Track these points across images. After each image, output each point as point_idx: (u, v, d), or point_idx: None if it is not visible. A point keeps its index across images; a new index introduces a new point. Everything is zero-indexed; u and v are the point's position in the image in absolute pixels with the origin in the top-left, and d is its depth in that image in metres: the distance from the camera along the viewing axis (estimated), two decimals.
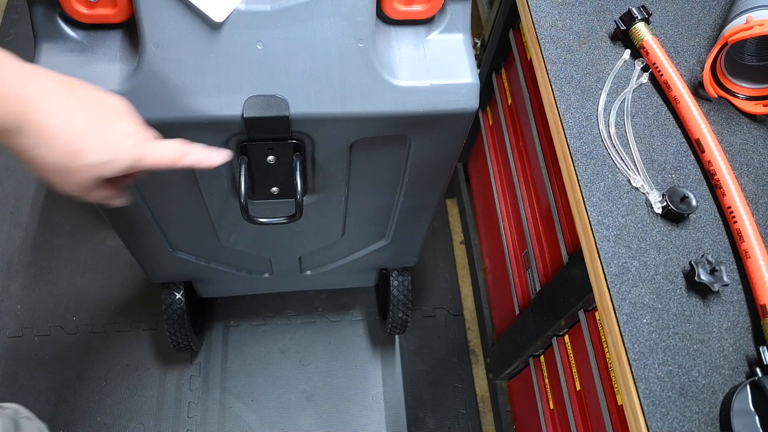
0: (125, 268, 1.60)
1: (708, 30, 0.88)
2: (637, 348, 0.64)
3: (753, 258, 0.67)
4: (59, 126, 0.50)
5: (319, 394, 1.48)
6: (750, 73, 0.81)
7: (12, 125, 0.47)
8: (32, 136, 0.49)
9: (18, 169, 1.73)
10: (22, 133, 0.48)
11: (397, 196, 0.96)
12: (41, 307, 1.54)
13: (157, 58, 0.67)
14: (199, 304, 1.51)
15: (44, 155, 0.50)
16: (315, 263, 1.21)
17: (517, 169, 1.20)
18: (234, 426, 1.43)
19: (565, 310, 0.94)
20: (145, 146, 0.56)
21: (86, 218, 1.66)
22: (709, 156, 0.74)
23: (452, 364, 1.54)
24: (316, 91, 0.70)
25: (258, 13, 0.67)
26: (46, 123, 0.49)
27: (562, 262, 1.00)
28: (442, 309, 1.61)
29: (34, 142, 0.49)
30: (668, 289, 0.68)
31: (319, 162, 0.83)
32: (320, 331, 1.56)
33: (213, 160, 0.63)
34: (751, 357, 0.65)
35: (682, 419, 0.61)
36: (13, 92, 0.47)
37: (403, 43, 0.74)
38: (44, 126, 0.49)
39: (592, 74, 0.82)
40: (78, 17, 0.67)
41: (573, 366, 0.99)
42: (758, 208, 0.75)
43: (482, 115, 1.42)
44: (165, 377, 1.48)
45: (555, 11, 0.87)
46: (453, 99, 0.74)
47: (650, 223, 0.72)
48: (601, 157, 0.75)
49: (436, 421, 1.47)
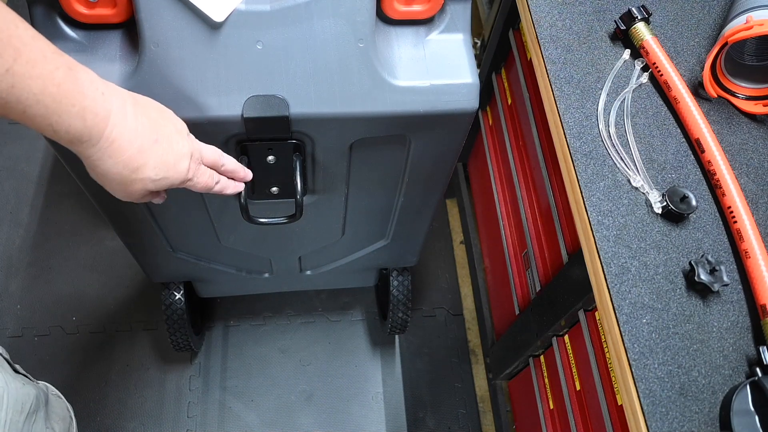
0: (125, 268, 1.60)
1: (708, 30, 0.88)
2: (637, 348, 0.64)
3: (753, 258, 0.67)
4: (127, 142, 0.55)
5: (319, 394, 1.48)
6: (750, 73, 0.81)
7: (87, 136, 0.52)
8: (102, 148, 0.54)
9: (18, 169, 1.74)
10: (93, 144, 0.53)
11: (397, 196, 0.96)
12: (41, 307, 1.54)
13: (157, 58, 0.67)
14: (199, 304, 1.51)
15: (109, 166, 0.55)
16: (315, 263, 1.21)
17: (517, 169, 1.20)
18: (234, 426, 1.43)
19: (565, 310, 0.94)
20: (194, 169, 0.63)
21: (86, 218, 1.67)
22: (709, 156, 0.74)
23: (452, 364, 1.54)
24: (316, 91, 0.70)
25: (258, 13, 0.67)
26: (115, 138, 0.54)
27: (562, 262, 1.00)
28: (442, 309, 1.61)
29: (102, 153, 0.54)
30: (668, 289, 0.68)
31: (319, 162, 0.83)
32: (320, 331, 1.56)
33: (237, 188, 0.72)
34: (751, 357, 0.65)
35: (682, 419, 0.61)
36: (94, 108, 0.51)
37: (403, 43, 0.74)
38: (114, 140, 0.54)
39: (592, 74, 0.82)
40: (78, 17, 0.67)
41: (573, 366, 0.99)
42: (758, 208, 0.75)
43: (482, 115, 1.42)
44: (165, 377, 1.48)
45: (555, 11, 0.87)
46: (453, 99, 0.73)
47: (650, 223, 0.72)
48: (601, 157, 0.75)
49: (436, 421, 1.47)
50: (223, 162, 0.69)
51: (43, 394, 0.93)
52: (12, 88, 0.45)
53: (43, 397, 0.92)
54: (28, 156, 1.76)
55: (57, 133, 0.50)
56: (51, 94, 0.47)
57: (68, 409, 1.07)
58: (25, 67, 0.45)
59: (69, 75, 0.49)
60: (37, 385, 0.92)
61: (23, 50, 0.45)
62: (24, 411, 0.83)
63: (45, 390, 0.97)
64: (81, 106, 0.50)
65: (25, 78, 0.45)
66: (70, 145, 0.53)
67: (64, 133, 0.50)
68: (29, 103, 0.47)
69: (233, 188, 0.72)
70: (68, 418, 1.05)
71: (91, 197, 0.86)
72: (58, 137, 0.51)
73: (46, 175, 1.73)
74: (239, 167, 0.72)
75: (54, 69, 0.48)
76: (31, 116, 0.48)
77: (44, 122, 0.49)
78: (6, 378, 0.80)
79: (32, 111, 0.47)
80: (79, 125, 0.51)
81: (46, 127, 0.49)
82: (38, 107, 0.47)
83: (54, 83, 0.47)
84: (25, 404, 0.83)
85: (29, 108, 0.47)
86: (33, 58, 0.46)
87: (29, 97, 0.46)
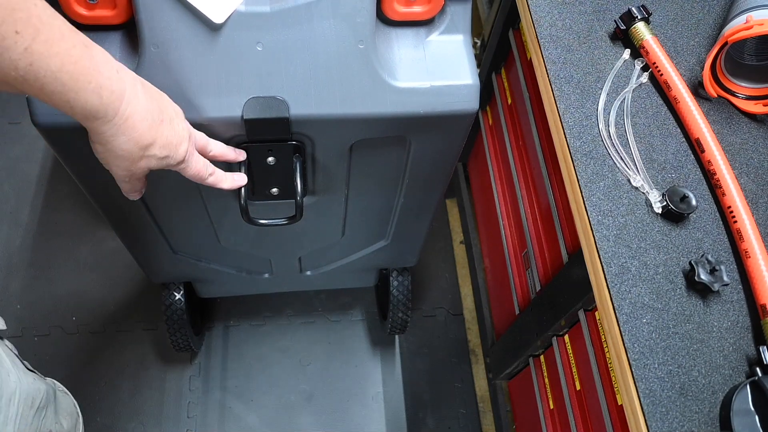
0: (125, 268, 1.60)
1: (708, 30, 0.88)
2: (637, 348, 0.64)
3: (753, 258, 0.67)
4: (139, 119, 0.56)
5: (319, 394, 1.48)
6: (750, 73, 0.81)
7: (102, 113, 0.53)
8: (117, 124, 0.55)
9: (18, 169, 1.74)
10: (109, 120, 0.54)
11: (397, 197, 0.96)
12: (41, 307, 1.54)
13: (156, 59, 0.67)
14: (199, 304, 1.51)
15: (121, 142, 0.57)
16: (315, 263, 1.21)
17: (517, 169, 1.20)
18: (234, 426, 1.44)
19: (565, 310, 0.94)
20: (191, 152, 0.64)
21: (86, 218, 1.67)
22: (709, 156, 0.74)
23: (452, 364, 1.54)
24: (316, 93, 0.70)
25: (258, 15, 0.67)
26: (129, 115, 0.55)
27: (562, 262, 1.00)
28: (442, 309, 1.61)
29: (117, 130, 0.55)
30: (668, 289, 0.68)
31: (319, 163, 0.83)
32: (320, 331, 1.56)
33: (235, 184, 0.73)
34: (751, 357, 0.66)
35: (682, 419, 0.61)
36: (110, 85, 0.53)
37: (403, 44, 0.74)
38: (129, 117, 0.55)
39: (592, 74, 0.82)
40: (77, 18, 0.67)
41: (573, 366, 0.99)
42: (758, 207, 0.75)
43: (482, 115, 1.42)
44: (165, 377, 1.48)
45: (555, 11, 0.87)
46: (453, 100, 0.73)
47: (650, 222, 0.72)
48: (600, 157, 0.75)
49: (436, 421, 1.47)
50: (210, 148, 0.70)
51: (51, 390, 0.94)
52: (30, 66, 0.46)
53: (51, 393, 0.93)
54: (28, 156, 1.76)
55: (73, 109, 0.51)
56: (68, 71, 0.49)
57: (75, 405, 1.08)
58: (43, 46, 0.46)
59: (85, 52, 0.50)
60: (46, 382, 0.93)
61: (42, 29, 0.46)
62: (34, 406, 0.84)
63: (53, 386, 0.98)
64: (97, 83, 0.51)
65: (44, 56, 0.46)
66: (85, 120, 0.54)
67: (81, 109, 0.51)
68: (47, 81, 0.48)
69: (230, 182, 0.73)
70: (75, 414, 1.07)
71: (91, 197, 0.86)
72: (74, 113, 0.52)
73: (46, 175, 1.73)
74: (228, 150, 0.72)
75: (71, 47, 0.49)
76: (49, 93, 0.49)
77: (62, 98, 0.50)
78: (18, 374, 0.81)
79: (50, 88, 0.48)
80: (96, 101, 0.52)
81: (63, 103, 0.50)
82: (56, 84, 0.48)
83: (71, 61, 0.49)
84: (36, 399, 0.84)
85: (47, 85, 0.48)
86: (51, 36, 0.47)
87: (47, 75, 0.47)
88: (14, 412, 0.78)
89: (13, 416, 0.77)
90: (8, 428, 0.76)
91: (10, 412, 0.77)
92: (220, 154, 0.71)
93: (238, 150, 0.74)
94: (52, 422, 0.91)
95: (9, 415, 0.76)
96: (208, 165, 0.68)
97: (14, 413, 0.78)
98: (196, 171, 0.67)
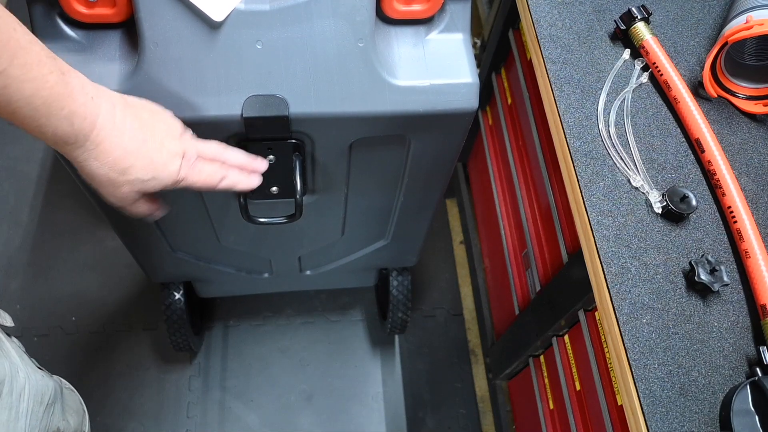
0: (125, 268, 1.60)
1: (708, 30, 0.88)
2: (637, 348, 0.64)
3: (753, 258, 0.67)
4: (113, 144, 0.56)
5: (319, 394, 1.48)
6: (750, 73, 0.81)
7: (73, 139, 0.53)
8: (88, 150, 0.55)
9: (18, 170, 1.74)
10: (79, 146, 0.54)
11: (397, 196, 0.96)
12: (41, 307, 1.54)
13: (156, 57, 0.67)
14: (199, 304, 1.51)
15: (94, 168, 0.56)
16: (315, 263, 1.21)
17: (516, 168, 1.20)
18: (234, 426, 1.43)
19: (565, 310, 0.94)
20: (187, 168, 0.63)
21: (86, 218, 1.67)
22: (709, 156, 0.74)
23: (452, 364, 1.54)
24: (315, 91, 0.70)
25: (257, 13, 0.67)
26: (101, 141, 0.55)
27: (561, 262, 0.99)
28: (442, 309, 1.61)
29: (88, 155, 0.55)
30: (668, 289, 0.68)
31: (318, 162, 0.82)
32: (320, 331, 1.56)
33: (251, 183, 0.72)
34: (751, 357, 0.65)
35: (682, 419, 0.61)
36: (83, 112, 0.53)
37: (402, 43, 0.74)
38: (100, 143, 0.55)
39: (592, 74, 0.82)
40: (77, 17, 0.67)
41: (573, 366, 0.99)
42: (758, 208, 0.74)
43: (482, 114, 1.42)
44: (165, 377, 1.48)
45: (555, 11, 0.87)
46: (452, 99, 0.73)
47: (650, 223, 0.72)
48: (600, 157, 0.75)
49: (436, 421, 1.47)
50: (226, 157, 0.68)
51: (58, 388, 0.94)
52: (5, 89, 0.46)
53: (59, 390, 0.94)
54: (28, 156, 1.76)
55: (44, 134, 0.51)
56: (42, 97, 0.49)
57: (81, 402, 1.09)
58: (20, 70, 0.46)
59: (61, 79, 0.50)
60: (53, 379, 0.93)
61: (19, 53, 0.46)
62: (43, 402, 0.84)
63: (60, 383, 0.98)
64: (70, 110, 0.51)
65: (19, 80, 0.46)
66: (56, 146, 0.54)
67: (51, 134, 0.51)
68: (20, 105, 0.48)
69: (246, 183, 0.71)
70: (81, 411, 1.07)
71: (91, 197, 0.86)
72: (45, 138, 0.52)
73: (46, 175, 1.73)
74: (247, 160, 0.71)
75: (47, 73, 0.49)
76: (21, 117, 0.49)
77: (33, 123, 0.50)
78: (27, 370, 0.81)
79: (22, 112, 0.48)
80: (67, 128, 0.52)
81: (34, 128, 0.51)
82: (28, 109, 0.48)
83: (46, 87, 0.49)
84: (45, 396, 0.85)
85: (19, 109, 0.48)
86: (29, 61, 0.47)
87: (20, 99, 0.47)
88: (25, 408, 0.78)
89: (24, 412, 0.78)
90: (20, 424, 0.76)
91: (21, 408, 0.77)
92: (240, 165, 0.70)
93: (258, 158, 0.73)
94: (59, 419, 0.92)
95: (20, 411, 0.77)
96: (216, 172, 0.67)
97: (25, 409, 0.78)
98: (203, 183, 0.65)
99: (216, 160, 0.67)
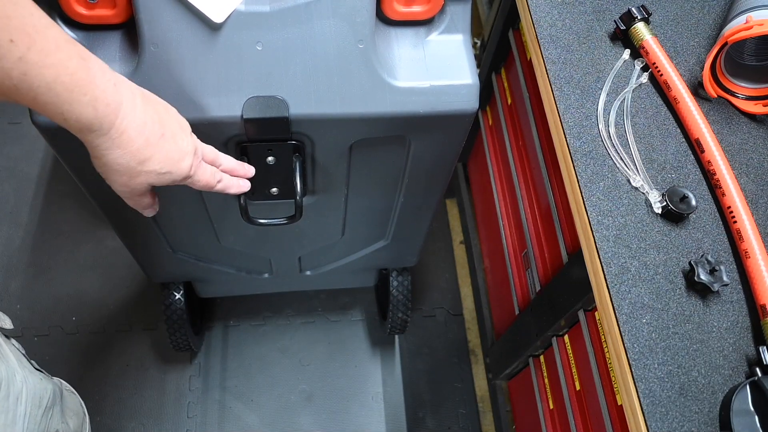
0: (125, 268, 1.60)
1: (708, 30, 0.88)
2: (637, 348, 0.64)
3: (753, 258, 0.67)
4: (137, 133, 0.55)
5: (319, 394, 1.48)
6: (750, 73, 0.81)
7: (97, 126, 0.52)
8: (112, 138, 0.54)
9: (18, 169, 1.74)
10: (104, 134, 0.53)
11: (397, 197, 0.96)
12: (41, 307, 1.54)
13: (156, 59, 0.67)
14: (199, 304, 1.51)
15: (116, 156, 0.56)
16: (315, 263, 1.21)
17: (516, 169, 1.20)
18: (234, 426, 1.43)
19: (565, 310, 0.94)
20: (196, 166, 0.63)
21: (86, 218, 1.67)
22: (709, 156, 0.74)
23: (452, 364, 1.54)
24: (315, 92, 0.70)
25: (257, 14, 0.67)
26: (125, 128, 0.54)
27: (561, 262, 1.00)
28: (442, 309, 1.61)
29: (111, 143, 0.54)
30: (668, 289, 0.68)
31: (318, 163, 0.83)
32: (320, 331, 1.56)
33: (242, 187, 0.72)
34: (750, 357, 0.65)
35: (682, 419, 0.61)
36: (105, 98, 0.52)
37: (402, 44, 0.74)
38: (124, 131, 0.54)
39: (592, 74, 0.82)
40: (77, 18, 0.67)
41: (573, 366, 0.99)
42: (758, 208, 0.75)
43: (482, 115, 1.42)
44: (165, 377, 1.48)
45: (555, 11, 0.87)
46: (453, 100, 0.73)
47: (650, 223, 0.72)
48: (600, 157, 0.75)
49: (435, 421, 1.47)
50: (220, 162, 0.69)
51: (58, 390, 0.94)
52: (24, 76, 0.45)
53: (58, 392, 0.93)
54: (28, 156, 1.76)
55: (67, 121, 0.50)
56: (63, 83, 0.48)
57: (81, 404, 1.08)
58: (38, 56, 0.45)
59: (82, 65, 0.49)
60: (53, 381, 0.93)
61: (37, 38, 0.45)
62: (42, 405, 0.84)
63: (59, 385, 0.98)
64: (93, 96, 0.50)
65: (39, 66, 0.46)
66: (80, 133, 0.53)
67: (75, 121, 0.51)
68: (41, 91, 0.47)
69: (237, 188, 0.72)
70: (81, 413, 1.07)
71: (91, 197, 0.86)
72: (68, 125, 0.51)
73: (46, 175, 1.73)
74: (238, 165, 0.72)
75: (67, 58, 0.48)
76: (42, 103, 0.48)
77: (55, 110, 0.49)
78: (25, 373, 0.81)
79: (44, 98, 0.48)
80: (90, 114, 0.51)
81: (57, 114, 0.50)
82: (50, 95, 0.48)
83: (67, 72, 0.48)
84: (43, 399, 0.84)
85: (41, 95, 0.47)
86: (47, 46, 0.46)
87: (41, 85, 0.46)
88: (22, 412, 0.78)
89: (22, 415, 0.77)
90: (17, 427, 0.76)
91: (18, 412, 0.77)
92: (231, 170, 0.71)
93: (247, 165, 0.74)
94: (58, 422, 0.91)
95: (17, 415, 0.76)
96: (215, 174, 0.68)
97: (22, 413, 0.78)
98: (205, 183, 0.66)
99: (213, 163, 0.68)
